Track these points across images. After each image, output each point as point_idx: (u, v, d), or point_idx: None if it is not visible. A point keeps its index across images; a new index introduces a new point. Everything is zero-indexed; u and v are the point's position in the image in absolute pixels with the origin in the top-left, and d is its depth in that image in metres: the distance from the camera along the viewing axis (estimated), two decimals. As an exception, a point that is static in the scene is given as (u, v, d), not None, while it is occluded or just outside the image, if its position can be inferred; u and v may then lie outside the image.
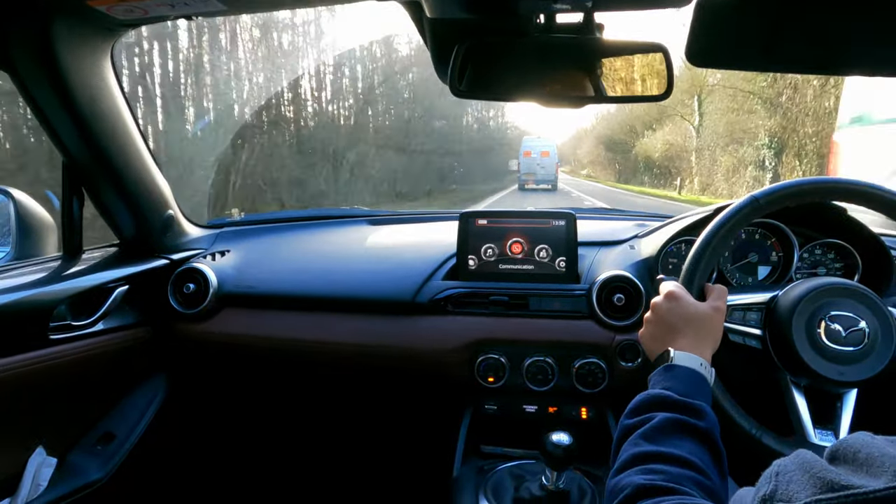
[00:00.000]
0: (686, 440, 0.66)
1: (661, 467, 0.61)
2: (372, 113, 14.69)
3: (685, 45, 0.61)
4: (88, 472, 1.22)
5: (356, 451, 1.72)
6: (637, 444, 0.66)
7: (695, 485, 0.59)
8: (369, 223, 1.69)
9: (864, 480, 0.35)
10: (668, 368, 0.79)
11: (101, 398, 1.30)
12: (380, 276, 1.34)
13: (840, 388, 0.91)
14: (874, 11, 0.52)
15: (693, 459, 0.62)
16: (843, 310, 0.90)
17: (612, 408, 1.25)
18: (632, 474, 0.61)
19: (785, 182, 0.97)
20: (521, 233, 1.32)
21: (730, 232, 0.97)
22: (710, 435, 0.67)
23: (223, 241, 1.54)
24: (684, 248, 1.27)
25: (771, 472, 0.40)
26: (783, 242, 1.24)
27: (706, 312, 0.86)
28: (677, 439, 0.66)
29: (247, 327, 1.35)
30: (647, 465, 0.62)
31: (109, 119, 1.16)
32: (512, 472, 1.16)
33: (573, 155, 60.41)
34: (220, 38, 8.80)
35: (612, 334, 1.21)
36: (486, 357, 1.24)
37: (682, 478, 0.59)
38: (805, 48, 0.60)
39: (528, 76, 0.94)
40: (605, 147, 37.56)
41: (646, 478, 0.59)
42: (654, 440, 0.66)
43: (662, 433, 0.67)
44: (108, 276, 1.24)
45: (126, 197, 1.28)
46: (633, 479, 0.60)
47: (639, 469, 0.62)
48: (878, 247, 1.18)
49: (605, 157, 39.23)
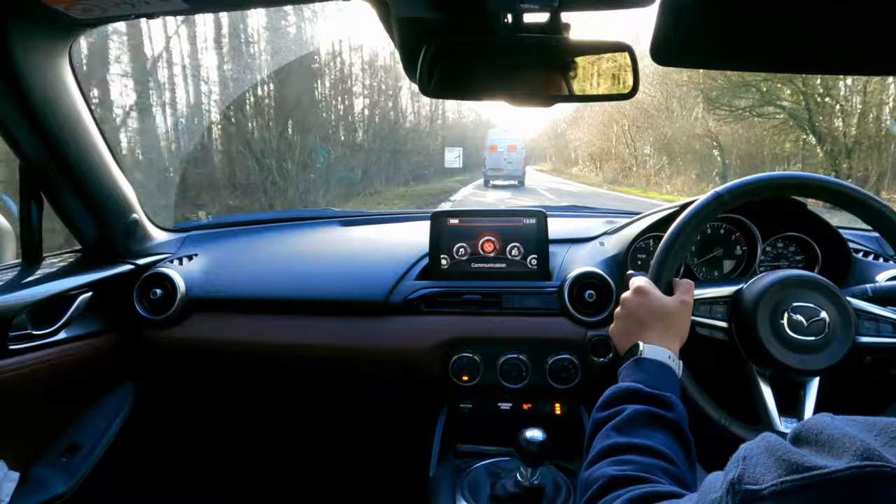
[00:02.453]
0: (656, 431, 0.68)
1: (632, 458, 0.62)
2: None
3: (650, 44, 0.62)
4: (53, 486, 1.18)
5: (332, 453, 1.71)
6: (608, 436, 0.68)
7: (664, 473, 0.61)
8: (340, 224, 1.67)
9: (827, 461, 0.36)
10: (638, 362, 0.81)
11: (65, 409, 1.26)
12: (352, 278, 1.33)
13: (803, 376, 0.94)
14: (836, 10, 0.54)
15: (663, 449, 0.64)
16: (804, 301, 0.93)
17: (586, 403, 1.27)
18: (603, 466, 0.63)
19: (746, 178, 1.00)
20: (493, 231, 1.33)
21: (695, 228, 0.99)
22: (679, 425, 0.70)
23: (190, 245, 1.51)
24: (652, 244, 1.30)
25: (738, 457, 0.42)
26: (747, 236, 1.28)
27: (674, 306, 0.88)
28: (647, 430, 0.68)
29: (217, 332, 1.33)
30: (618, 457, 0.63)
31: (68, 121, 1.13)
32: (488, 470, 1.17)
33: (556, 147, 43.25)
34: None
35: (583, 330, 1.22)
36: (460, 356, 1.24)
37: (652, 467, 0.61)
38: (770, 47, 0.62)
39: (496, 75, 0.94)
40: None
41: (617, 468, 0.61)
42: (625, 432, 0.68)
43: (633, 425, 0.69)
44: (71, 283, 1.21)
45: (87, 201, 1.25)
46: (604, 470, 0.61)
47: (610, 460, 0.63)
48: (837, 239, 1.22)
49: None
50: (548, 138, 45.61)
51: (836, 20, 0.56)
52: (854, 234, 1.35)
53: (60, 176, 1.18)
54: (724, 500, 0.39)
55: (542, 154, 45.78)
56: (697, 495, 0.45)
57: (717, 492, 0.41)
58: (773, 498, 0.36)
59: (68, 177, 1.18)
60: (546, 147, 45.63)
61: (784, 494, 0.36)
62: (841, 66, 0.73)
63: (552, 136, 42.32)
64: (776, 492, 0.36)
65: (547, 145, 45.70)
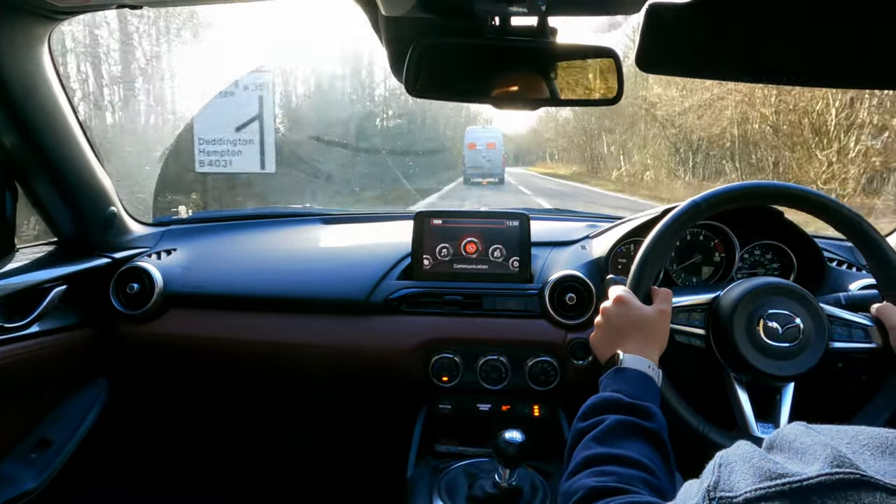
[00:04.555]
0: (636, 441, 0.68)
1: (613, 469, 0.63)
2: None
3: (635, 51, 0.63)
4: (22, 482, 1.15)
5: (309, 452, 1.70)
6: (589, 447, 0.68)
7: (644, 484, 0.61)
8: (322, 222, 1.66)
9: (800, 468, 0.37)
10: (618, 371, 0.82)
11: (37, 403, 1.24)
12: (333, 276, 1.32)
13: (778, 382, 0.95)
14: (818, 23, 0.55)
15: (642, 460, 0.65)
16: (779, 308, 0.94)
17: (564, 405, 1.28)
18: (584, 477, 0.63)
19: (724, 186, 1.01)
20: (476, 233, 1.33)
21: (673, 235, 1.01)
22: (659, 435, 0.71)
23: (169, 240, 1.49)
24: (633, 249, 1.31)
25: (714, 464, 0.42)
26: (726, 243, 1.30)
27: (653, 316, 0.90)
28: (627, 441, 0.68)
29: (194, 328, 1.31)
30: (598, 468, 0.64)
31: (45, 110, 1.11)
32: (466, 471, 1.17)
33: (543, 142, 34.21)
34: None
35: (563, 333, 1.23)
36: (440, 357, 1.24)
37: (632, 478, 0.62)
38: (752, 57, 0.63)
39: (483, 78, 0.94)
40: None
41: (597, 479, 0.61)
42: (605, 442, 0.68)
43: (613, 435, 0.69)
44: (44, 276, 1.18)
45: (64, 192, 1.22)
46: (585, 481, 0.62)
47: (591, 471, 0.64)
48: (812, 248, 1.24)
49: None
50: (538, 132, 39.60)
51: (818, 33, 0.57)
52: (829, 243, 1.38)
53: (36, 166, 1.16)
54: None
55: (529, 150, 40.83)
56: (674, 503, 0.45)
57: (693, 499, 0.41)
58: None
59: (44, 167, 1.16)
60: (536, 142, 40.11)
61: (758, 501, 0.37)
62: (822, 79, 0.75)
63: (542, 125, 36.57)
64: (751, 499, 0.37)
65: (534, 140, 40.09)
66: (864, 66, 0.61)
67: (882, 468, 0.36)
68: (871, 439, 0.38)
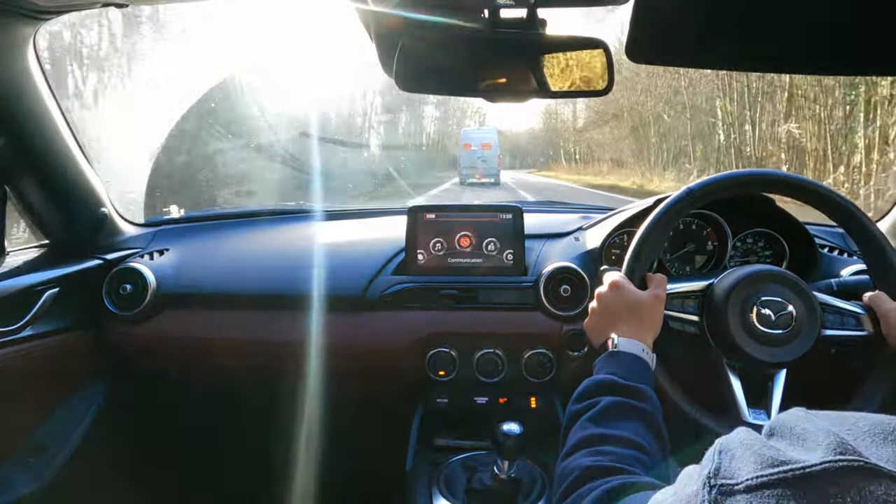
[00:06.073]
0: (630, 422, 0.69)
1: (608, 449, 0.64)
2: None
3: (625, 42, 0.63)
4: (18, 486, 1.15)
5: (308, 448, 1.70)
6: (584, 427, 0.69)
7: (639, 464, 0.62)
8: (315, 219, 1.66)
9: (802, 455, 0.37)
10: (613, 354, 0.82)
11: (32, 407, 1.23)
12: (328, 272, 1.32)
13: (771, 368, 0.96)
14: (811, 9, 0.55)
15: (637, 440, 0.65)
16: (772, 295, 0.95)
17: (561, 396, 1.28)
18: (580, 457, 0.63)
19: (718, 174, 1.02)
20: (470, 227, 1.33)
21: (668, 224, 1.01)
22: (653, 416, 0.71)
23: (161, 240, 1.48)
24: (626, 239, 1.31)
25: (714, 450, 0.42)
26: (718, 232, 1.30)
27: (647, 300, 0.90)
28: (622, 421, 0.69)
29: (189, 328, 1.31)
30: (594, 448, 0.65)
31: (33, 111, 1.09)
32: (464, 464, 1.17)
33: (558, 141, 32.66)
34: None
35: (559, 324, 1.23)
36: (436, 351, 1.24)
37: (627, 458, 0.62)
38: (744, 45, 0.63)
39: (473, 70, 0.94)
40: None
41: (593, 459, 0.62)
42: (601, 423, 0.69)
43: (608, 416, 0.70)
44: (36, 279, 1.17)
45: (54, 194, 1.21)
46: (581, 461, 0.62)
47: (586, 451, 0.64)
48: (804, 235, 1.25)
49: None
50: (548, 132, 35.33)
51: (811, 20, 0.57)
52: (820, 229, 1.39)
53: (25, 168, 1.15)
54: (700, 494, 0.39)
55: (535, 150, 37.04)
56: (674, 488, 0.45)
57: (693, 485, 0.41)
58: (750, 492, 0.36)
59: (33, 169, 1.15)
60: (542, 141, 35.93)
61: (760, 488, 0.36)
62: (815, 66, 0.75)
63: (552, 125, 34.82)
64: (752, 486, 0.37)
65: (541, 140, 35.87)
66: (863, 52, 0.61)
67: (885, 455, 0.35)
68: (872, 426, 0.38)
